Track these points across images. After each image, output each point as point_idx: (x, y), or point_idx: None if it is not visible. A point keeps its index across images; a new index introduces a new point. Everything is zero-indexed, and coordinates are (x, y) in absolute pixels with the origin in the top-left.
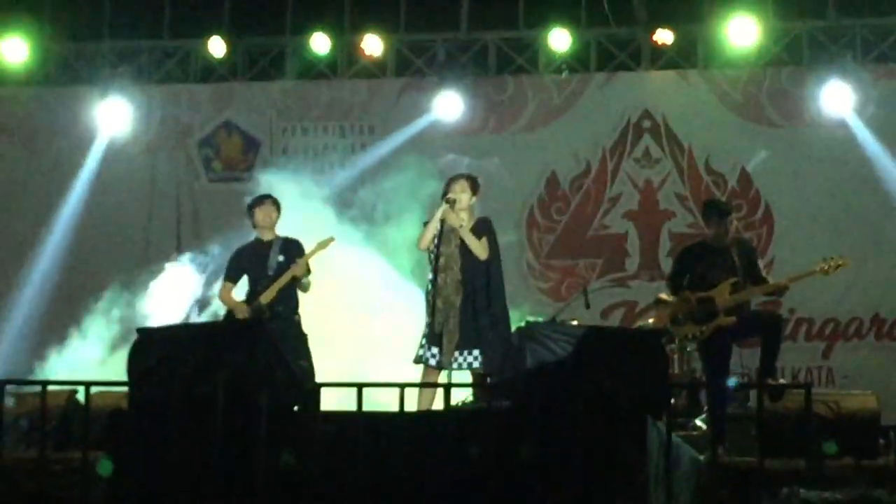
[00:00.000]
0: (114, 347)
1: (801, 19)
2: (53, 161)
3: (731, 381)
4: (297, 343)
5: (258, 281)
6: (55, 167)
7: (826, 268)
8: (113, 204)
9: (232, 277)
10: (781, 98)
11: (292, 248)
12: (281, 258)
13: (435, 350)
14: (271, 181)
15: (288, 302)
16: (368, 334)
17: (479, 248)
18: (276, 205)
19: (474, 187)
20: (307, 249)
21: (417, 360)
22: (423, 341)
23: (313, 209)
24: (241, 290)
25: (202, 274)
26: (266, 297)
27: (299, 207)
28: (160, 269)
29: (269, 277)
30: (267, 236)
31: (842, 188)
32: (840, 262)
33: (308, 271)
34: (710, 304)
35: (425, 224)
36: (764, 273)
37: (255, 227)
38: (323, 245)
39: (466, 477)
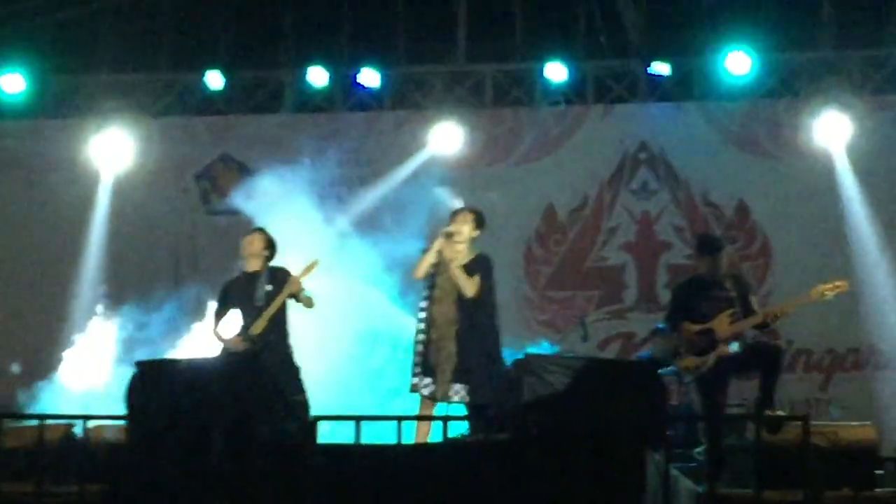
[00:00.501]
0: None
1: (796, 51)
2: (50, 193)
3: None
4: (291, 377)
5: (248, 313)
6: (52, 199)
7: (824, 292)
8: (111, 238)
9: (220, 313)
10: (778, 129)
11: (280, 277)
12: (269, 287)
13: (428, 381)
14: (268, 213)
15: (279, 331)
16: (361, 364)
17: (467, 285)
18: (264, 235)
19: (478, 221)
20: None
21: (413, 388)
22: (417, 370)
23: (309, 242)
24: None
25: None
26: (257, 328)
27: (295, 239)
28: (160, 303)
29: (259, 308)
30: (252, 267)
31: (838, 220)
32: (838, 286)
33: (304, 291)
34: (710, 335)
35: (423, 252)
36: (756, 307)
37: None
38: (309, 269)
39: None
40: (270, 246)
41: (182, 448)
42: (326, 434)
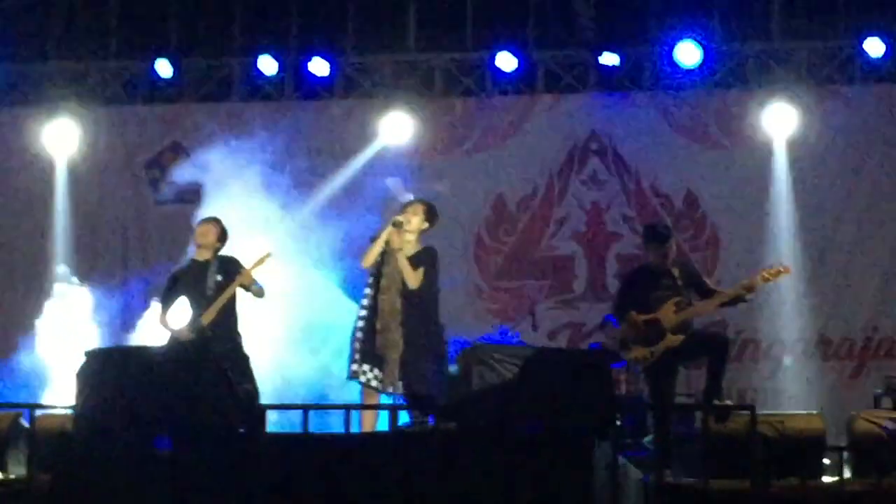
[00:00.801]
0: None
1: (746, 41)
2: (2, 180)
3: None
4: (240, 366)
5: (197, 302)
6: (4, 187)
7: (767, 276)
8: (60, 226)
9: (168, 301)
10: (727, 120)
11: (230, 267)
12: (219, 277)
13: (371, 368)
14: (218, 201)
15: (228, 321)
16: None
17: (411, 276)
18: (218, 226)
19: (428, 214)
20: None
21: (353, 375)
22: (358, 357)
23: (259, 230)
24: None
25: (149, 296)
26: (207, 318)
27: (245, 228)
28: (110, 290)
29: (208, 298)
30: (203, 256)
31: (787, 210)
32: (780, 270)
33: (256, 283)
34: (657, 326)
35: (371, 241)
36: (713, 287)
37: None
38: (261, 261)
39: (412, 498)
40: (223, 237)
41: (130, 436)
42: (275, 423)
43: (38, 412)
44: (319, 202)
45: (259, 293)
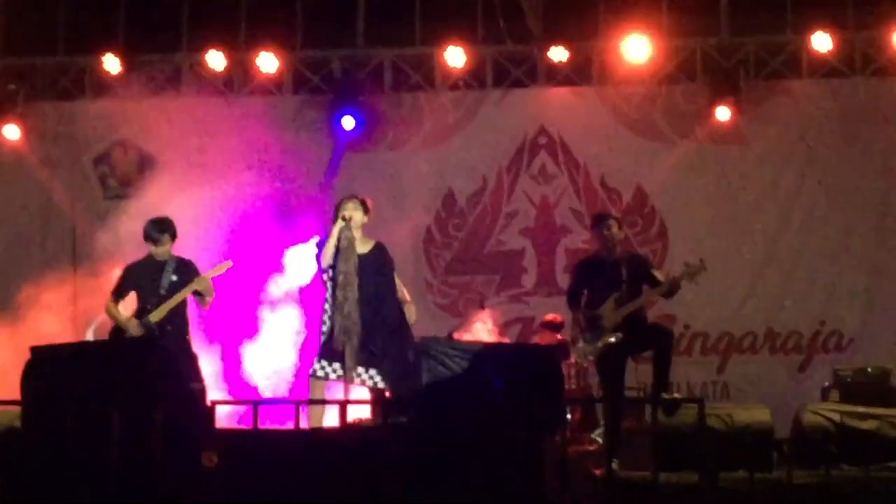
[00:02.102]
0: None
1: (694, 37)
2: None
3: None
4: (188, 364)
5: (148, 299)
6: None
7: (689, 272)
8: (8, 222)
9: (120, 293)
10: (675, 114)
11: (186, 269)
12: (174, 278)
13: (336, 366)
14: (166, 196)
15: (178, 321)
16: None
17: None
18: (169, 229)
19: (365, 207)
20: (202, 271)
21: (313, 374)
22: (321, 355)
23: (206, 226)
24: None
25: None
26: (157, 315)
27: (192, 226)
28: (57, 287)
29: (161, 296)
30: (160, 256)
31: (735, 204)
32: (701, 268)
33: (211, 293)
34: (599, 322)
35: (317, 245)
36: (661, 278)
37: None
38: (220, 269)
39: (362, 494)
40: (174, 236)
41: (78, 433)
42: (224, 418)
43: None
44: (269, 197)
45: (207, 303)
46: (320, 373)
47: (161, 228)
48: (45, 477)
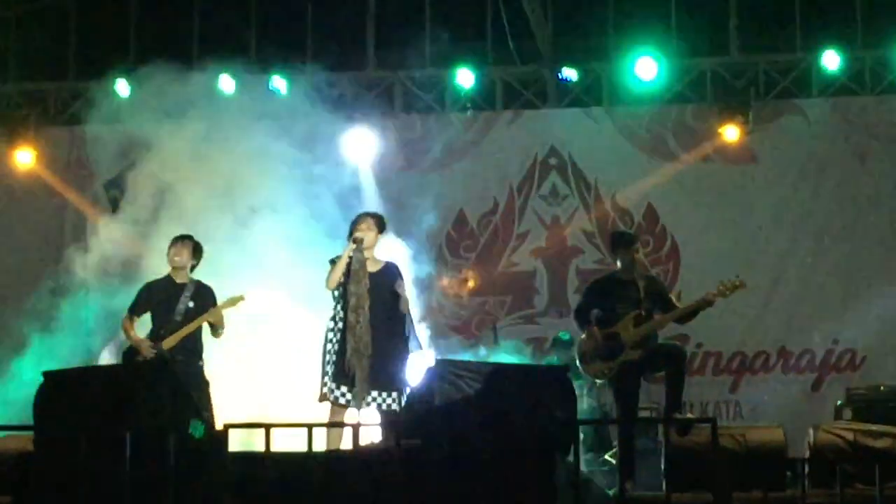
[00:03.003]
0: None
1: (704, 56)
2: None
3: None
4: (199, 392)
5: (162, 323)
6: None
7: (724, 289)
8: (21, 245)
9: (137, 311)
10: (686, 134)
11: (203, 296)
12: (191, 304)
13: (344, 389)
14: (179, 220)
15: (191, 349)
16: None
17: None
18: (194, 246)
19: (380, 226)
20: (218, 300)
21: (323, 398)
22: (327, 380)
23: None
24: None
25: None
26: (168, 343)
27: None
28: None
29: (176, 322)
30: (180, 278)
31: (746, 223)
32: (737, 284)
33: (222, 325)
34: (616, 340)
35: (331, 262)
36: (677, 303)
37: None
38: (233, 302)
39: None
40: (197, 254)
41: (90, 457)
42: (238, 442)
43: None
44: (283, 221)
45: (218, 335)
46: (331, 397)
47: (174, 243)
48: (58, 501)
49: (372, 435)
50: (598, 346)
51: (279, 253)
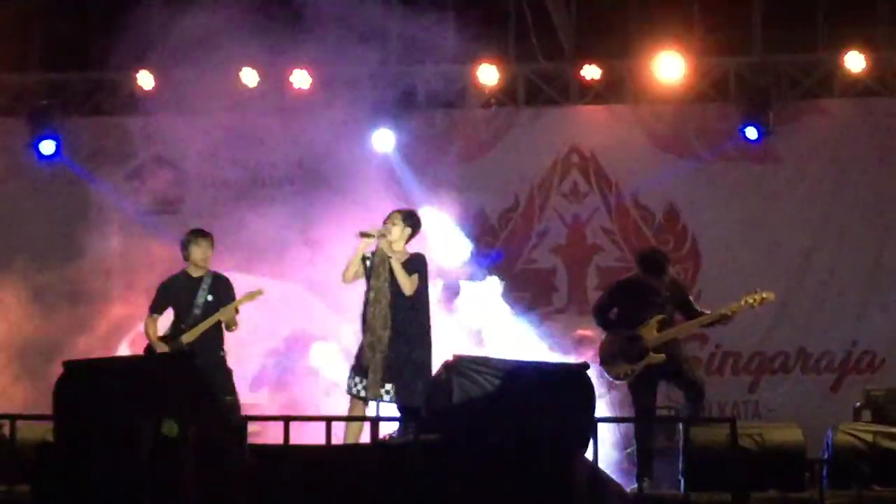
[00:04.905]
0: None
1: (727, 56)
2: None
3: None
4: (223, 379)
5: (183, 318)
6: None
7: (752, 301)
8: (43, 236)
9: (158, 309)
10: (708, 133)
11: (221, 289)
12: (210, 297)
13: (361, 381)
14: (199, 212)
15: (211, 342)
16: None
17: (406, 282)
18: (211, 242)
19: (407, 220)
20: (236, 293)
21: (348, 390)
22: (351, 373)
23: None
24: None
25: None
26: (188, 337)
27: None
28: (92, 300)
29: (195, 316)
30: (196, 272)
31: (767, 224)
32: (764, 296)
33: (235, 322)
34: (639, 342)
35: (361, 235)
36: (698, 308)
37: (187, 260)
38: (251, 297)
39: None
40: (213, 248)
41: (110, 448)
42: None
43: (19, 423)
44: (306, 214)
45: (232, 329)
46: (353, 390)
47: (198, 241)
48: (77, 491)
49: (390, 429)
50: (621, 347)
51: (300, 249)
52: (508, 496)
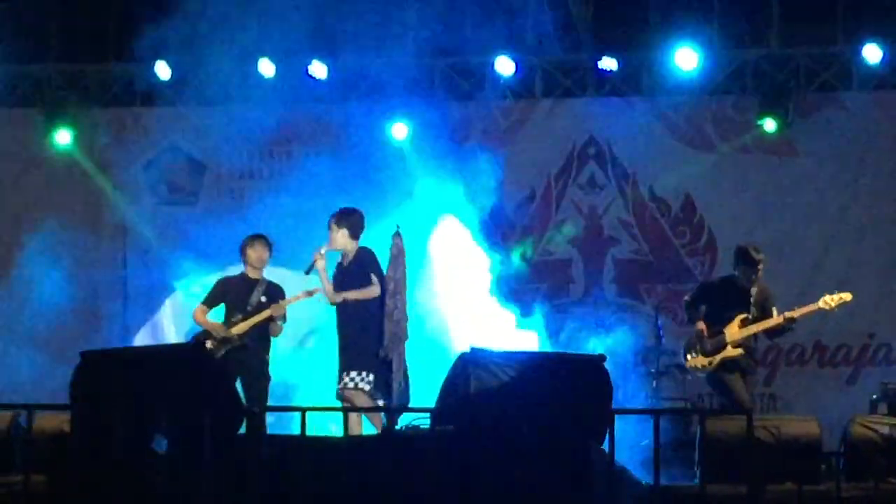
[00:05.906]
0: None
1: (744, 47)
2: None
3: None
4: (258, 382)
5: (233, 313)
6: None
7: (831, 302)
8: (60, 225)
9: (210, 302)
10: (725, 125)
11: (275, 294)
12: (263, 298)
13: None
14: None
15: (258, 337)
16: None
17: (330, 294)
18: (269, 245)
19: (341, 221)
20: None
21: (354, 385)
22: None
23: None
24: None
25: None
26: (240, 329)
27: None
28: (108, 291)
29: (247, 313)
30: (254, 274)
31: (785, 216)
32: (842, 297)
33: (284, 318)
34: (720, 338)
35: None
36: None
37: (245, 263)
38: (297, 297)
39: (410, 502)
40: (271, 252)
41: (127, 437)
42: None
43: (37, 413)
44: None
45: (276, 332)
46: (361, 384)
47: (253, 244)
48: (94, 481)
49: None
50: (702, 342)
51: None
52: (525, 487)
